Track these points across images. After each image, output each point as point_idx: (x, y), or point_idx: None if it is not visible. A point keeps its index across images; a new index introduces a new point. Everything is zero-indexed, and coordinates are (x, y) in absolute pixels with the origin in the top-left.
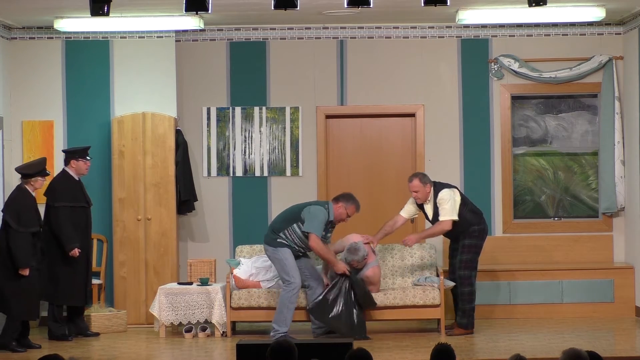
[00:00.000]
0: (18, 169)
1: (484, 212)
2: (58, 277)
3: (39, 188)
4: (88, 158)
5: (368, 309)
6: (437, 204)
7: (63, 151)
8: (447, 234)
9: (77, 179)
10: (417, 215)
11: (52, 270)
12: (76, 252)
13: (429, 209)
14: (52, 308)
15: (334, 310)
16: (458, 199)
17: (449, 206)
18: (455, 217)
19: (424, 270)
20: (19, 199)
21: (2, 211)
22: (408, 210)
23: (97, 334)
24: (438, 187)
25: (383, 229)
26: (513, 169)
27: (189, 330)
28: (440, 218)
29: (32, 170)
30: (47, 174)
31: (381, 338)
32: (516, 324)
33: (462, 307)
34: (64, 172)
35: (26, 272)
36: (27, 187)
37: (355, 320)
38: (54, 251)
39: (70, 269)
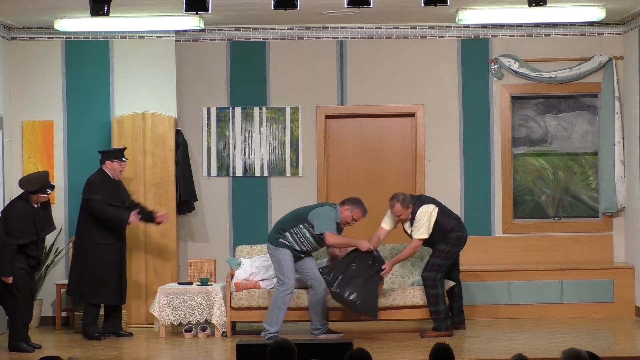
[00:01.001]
0: (20, 184)
1: (484, 212)
2: (89, 275)
3: (43, 201)
4: (123, 159)
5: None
6: (414, 221)
7: (99, 152)
8: (426, 243)
9: (114, 178)
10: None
11: (84, 268)
12: (135, 217)
13: (407, 225)
14: (86, 307)
15: (352, 287)
16: (434, 214)
17: (422, 225)
18: (426, 236)
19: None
20: (15, 209)
21: None
22: (388, 221)
23: (130, 334)
24: (417, 204)
25: (371, 242)
26: (513, 169)
27: (189, 330)
28: (413, 236)
29: (34, 187)
30: (52, 188)
31: (381, 338)
32: (516, 324)
33: (429, 309)
34: (101, 171)
35: (9, 280)
36: (29, 198)
37: (373, 298)
38: (85, 249)
39: (102, 267)
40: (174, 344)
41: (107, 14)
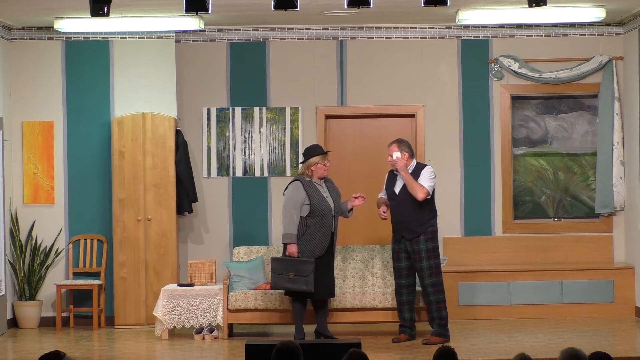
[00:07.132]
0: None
1: (484, 212)
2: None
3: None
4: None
5: None
6: (421, 174)
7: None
8: (402, 225)
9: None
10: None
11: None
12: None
13: (398, 183)
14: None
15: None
16: (435, 182)
17: (427, 178)
18: (427, 188)
19: None
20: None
21: None
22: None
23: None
24: (421, 165)
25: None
26: (513, 170)
27: (199, 332)
28: (420, 181)
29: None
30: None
31: (381, 338)
32: (516, 324)
33: (438, 316)
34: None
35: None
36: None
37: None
38: None
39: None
40: (174, 344)
41: (107, 15)
